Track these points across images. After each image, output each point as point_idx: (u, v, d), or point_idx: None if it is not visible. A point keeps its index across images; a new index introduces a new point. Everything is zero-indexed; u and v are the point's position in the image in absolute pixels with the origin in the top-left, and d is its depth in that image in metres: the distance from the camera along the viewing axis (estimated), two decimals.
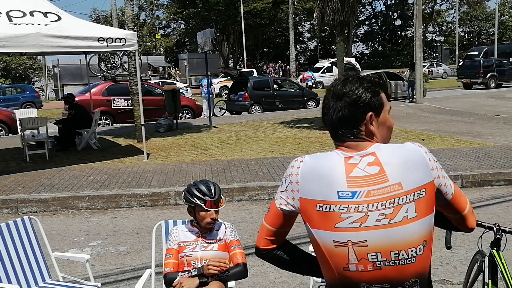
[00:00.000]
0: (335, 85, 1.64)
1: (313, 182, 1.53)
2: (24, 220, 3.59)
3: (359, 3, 28.28)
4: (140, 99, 9.71)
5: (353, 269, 1.48)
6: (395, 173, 1.49)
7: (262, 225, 1.69)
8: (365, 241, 1.46)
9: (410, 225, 1.47)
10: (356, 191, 1.49)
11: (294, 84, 22.52)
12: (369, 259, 1.46)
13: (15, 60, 43.75)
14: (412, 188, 1.49)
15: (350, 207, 1.47)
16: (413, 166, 1.51)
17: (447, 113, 15.59)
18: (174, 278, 2.88)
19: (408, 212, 1.47)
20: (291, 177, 1.59)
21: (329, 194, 1.50)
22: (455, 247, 4.85)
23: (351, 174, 1.50)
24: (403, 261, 1.46)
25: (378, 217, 1.46)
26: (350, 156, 1.54)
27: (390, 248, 1.46)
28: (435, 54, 53.06)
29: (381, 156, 1.52)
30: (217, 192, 2.98)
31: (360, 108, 1.57)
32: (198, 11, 42.12)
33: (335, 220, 1.48)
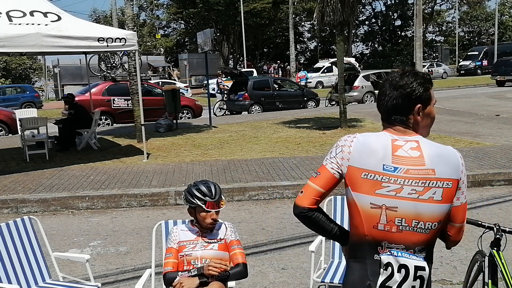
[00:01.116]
0: (394, 77, 1.91)
1: (364, 154, 1.84)
2: (24, 220, 3.59)
3: (359, 3, 28.20)
4: (140, 99, 9.71)
5: (381, 228, 1.81)
6: (431, 160, 1.81)
7: (308, 187, 1.91)
8: (396, 207, 1.79)
9: (434, 205, 1.79)
10: (398, 167, 1.80)
11: (294, 84, 22.52)
12: (395, 222, 1.79)
13: (15, 60, 43.75)
14: (443, 177, 1.80)
15: (390, 179, 1.80)
16: (447, 161, 1.83)
17: (447, 113, 15.59)
18: (174, 278, 2.88)
19: (435, 194, 1.79)
20: (344, 147, 1.89)
21: (376, 165, 1.81)
22: (455, 247, 4.84)
23: (396, 153, 1.83)
24: (420, 230, 1.80)
25: (411, 191, 1.79)
26: (397, 139, 1.86)
27: (413, 217, 1.79)
28: (435, 54, 53.04)
29: (423, 145, 1.84)
30: (217, 193, 2.97)
31: (412, 100, 1.86)
32: (198, 11, 42.10)
33: (376, 187, 1.80)
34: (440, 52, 47.56)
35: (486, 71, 41.08)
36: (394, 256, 1.78)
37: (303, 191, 1.92)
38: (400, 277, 1.77)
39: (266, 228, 5.82)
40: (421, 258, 1.81)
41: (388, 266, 1.78)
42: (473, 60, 42.56)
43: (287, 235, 5.49)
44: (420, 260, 1.79)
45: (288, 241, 5.32)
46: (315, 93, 21.75)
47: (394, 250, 1.80)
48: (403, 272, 1.77)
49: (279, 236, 5.51)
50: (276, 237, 5.49)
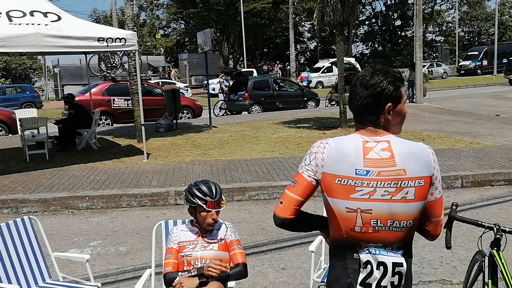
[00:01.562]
0: (364, 76, 1.91)
1: (336, 160, 1.84)
2: (24, 220, 3.59)
3: (359, 3, 28.18)
4: (140, 99, 9.71)
5: (357, 230, 1.84)
6: (402, 160, 1.82)
7: (287, 196, 1.93)
8: (371, 210, 1.81)
9: (407, 204, 1.82)
10: (370, 170, 1.81)
11: (294, 84, 22.52)
12: (371, 224, 1.82)
13: (15, 60, 43.76)
14: (414, 176, 1.82)
15: (363, 182, 1.81)
16: (418, 159, 1.84)
17: (447, 113, 15.59)
18: (174, 278, 2.88)
19: (407, 194, 1.81)
20: (317, 154, 1.89)
21: (349, 170, 1.82)
22: (455, 247, 4.85)
23: (367, 156, 1.83)
24: (395, 229, 1.84)
25: (384, 192, 1.81)
26: (367, 140, 1.87)
27: (388, 218, 1.82)
28: (435, 54, 53.05)
29: (393, 144, 1.86)
30: (218, 193, 2.97)
31: (382, 99, 1.87)
32: (198, 11, 42.10)
33: (350, 191, 1.82)
34: (440, 52, 47.57)
35: (486, 71, 41.14)
36: (372, 254, 1.83)
37: (282, 202, 1.93)
38: (379, 274, 1.83)
39: (266, 228, 5.82)
40: (399, 254, 1.86)
41: (368, 264, 1.83)
42: (473, 60, 42.57)
43: (287, 235, 5.48)
44: (397, 256, 1.85)
45: (288, 241, 5.32)
46: (315, 93, 21.75)
47: (372, 249, 1.84)
48: (382, 269, 1.83)
49: (279, 236, 5.50)
50: (276, 237, 5.49)
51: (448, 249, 2.82)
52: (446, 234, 2.81)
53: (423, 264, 4.59)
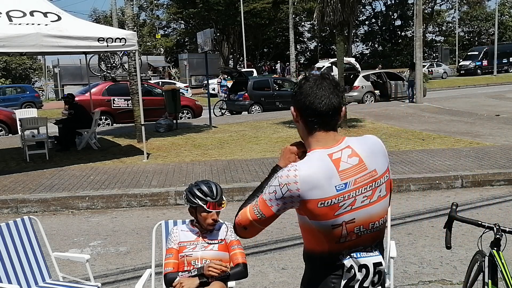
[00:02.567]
0: (328, 78, 1.88)
1: (314, 186, 1.74)
2: (24, 220, 3.59)
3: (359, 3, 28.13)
4: (140, 99, 9.71)
5: (342, 241, 1.81)
6: (370, 161, 1.83)
7: (256, 228, 1.91)
8: (354, 219, 1.80)
9: (382, 201, 1.86)
10: (347, 181, 1.78)
11: (294, 84, 22.51)
12: (354, 231, 1.82)
13: (15, 60, 43.76)
14: (382, 172, 1.86)
15: (344, 196, 1.77)
16: (379, 154, 1.87)
17: (447, 113, 15.59)
18: (174, 278, 2.88)
19: (381, 192, 1.85)
20: (289, 185, 1.76)
21: (329, 191, 1.75)
22: (455, 247, 4.85)
23: (340, 169, 1.78)
24: (375, 229, 1.87)
25: (362, 199, 1.80)
26: (332, 152, 1.80)
27: (369, 221, 1.84)
28: (435, 54, 53.02)
29: (355, 148, 1.83)
30: (218, 193, 2.97)
31: (343, 100, 1.87)
32: (198, 11, 42.09)
33: (335, 209, 1.77)
34: (440, 52, 47.55)
35: (486, 71, 41.12)
36: (354, 258, 1.84)
37: (247, 228, 1.90)
38: (361, 276, 1.85)
39: (266, 228, 5.81)
40: (377, 252, 1.90)
41: (351, 269, 1.84)
42: (473, 60, 42.54)
43: (287, 235, 5.48)
44: (376, 255, 1.88)
45: (288, 241, 5.32)
46: None
47: (354, 253, 1.84)
48: (364, 271, 1.85)
49: (279, 236, 5.51)
50: (276, 237, 5.49)
51: (448, 249, 2.82)
52: (446, 234, 2.81)
53: (423, 264, 4.59)
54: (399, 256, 4.72)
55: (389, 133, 11.97)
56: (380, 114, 15.85)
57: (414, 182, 7.41)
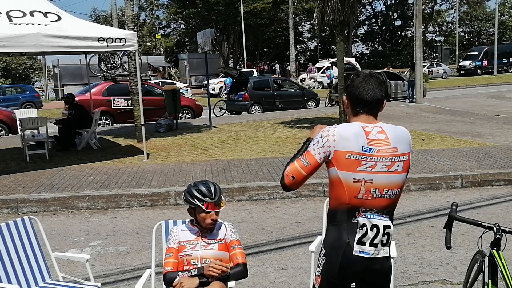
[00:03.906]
0: (374, 75, 2.37)
1: (346, 140, 2.24)
2: (24, 220, 3.59)
3: (359, 3, 28.13)
4: (140, 99, 9.71)
5: (360, 197, 2.25)
6: (394, 141, 2.29)
7: (301, 175, 2.32)
8: (372, 180, 2.24)
9: (398, 175, 2.29)
10: (372, 147, 2.25)
11: (294, 84, 22.51)
12: (371, 192, 2.25)
13: (15, 60, 43.76)
14: (402, 152, 2.29)
15: (367, 157, 2.23)
16: (403, 139, 2.33)
17: (447, 113, 15.59)
18: (174, 278, 2.88)
19: (398, 167, 2.28)
20: (329, 137, 2.27)
21: (357, 147, 2.23)
22: (455, 247, 4.85)
23: (369, 137, 2.26)
24: (388, 196, 2.28)
25: (382, 166, 2.25)
26: (365, 126, 2.30)
27: (384, 187, 2.26)
28: (435, 54, 53.01)
29: (385, 129, 2.32)
30: (217, 193, 2.97)
31: (386, 94, 2.38)
32: (198, 11, 42.07)
33: (357, 165, 2.23)
34: (440, 52, 47.54)
35: (486, 71, 41.12)
36: (368, 218, 2.24)
37: (294, 177, 2.32)
38: (372, 234, 2.24)
39: (266, 228, 5.82)
40: (387, 218, 2.28)
41: (364, 226, 2.24)
42: (473, 60, 42.55)
43: (287, 235, 5.49)
44: (387, 220, 2.27)
45: (288, 241, 5.33)
46: (315, 93, 21.74)
47: (368, 214, 2.25)
48: (375, 230, 2.24)
49: (279, 236, 5.51)
50: (276, 237, 5.49)
51: (448, 249, 2.82)
52: (446, 234, 2.81)
53: (423, 264, 4.59)
54: (399, 256, 4.72)
55: None
56: (380, 114, 15.78)
57: (414, 182, 7.41)
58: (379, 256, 2.27)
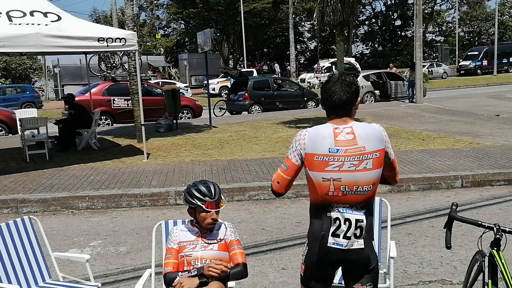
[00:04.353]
0: (341, 78, 2.49)
1: (315, 142, 2.42)
2: (24, 220, 3.59)
3: (359, 3, 28.21)
4: (140, 99, 9.72)
5: (330, 194, 2.41)
6: (362, 140, 2.40)
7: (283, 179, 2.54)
8: (340, 178, 2.39)
9: (367, 172, 2.40)
10: (339, 148, 2.39)
11: (294, 84, 22.51)
12: (341, 189, 2.40)
13: (15, 60, 43.75)
14: (371, 150, 2.39)
15: (334, 158, 2.39)
16: (372, 137, 2.41)
17: (447, 113, 15.59)
18: (174, 278, 2.88)
19: (367, 165, 2.39)
20: (300, 141, 2.46)
21: (324, 149, 2.40)
22: (455, 247, 4.85)
23: (337, 138, 2.40)
24: (359, 192, 2.40)
25: (350, 165, 2.38)
26: (336, 127, 2.44)
27: (353, 184, 2.39)
28: (435, 54, 52.99)
29: (355, 129, 2.42)
30: (217, 193, 2.97)
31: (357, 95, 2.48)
32: (198, 11, 42.06)
33: (326, 165, 2.40)
34: (440, 52, 47.53)
35: (486, 71, 41.11)
36: (341, 212, 2.41)
37: (279, 182, 2.55)
38: (345, 227, 2.40)
39: (266, 228, 5.82)
40: (362, 213, 2.42)
41: (337, 220, 2.40)
42: (473, 60, 42.53)
43: (287, 235, 5.49)
44: (360, 214, 2.41)
45: (288, 241, 5.33)
46: (315, 93, 21.71)
47: (340, 209, 2.41)
48: (347, 223, 2.40)
49: (279, 236, 5.51)
50: (276, 237, 5.49)
51: (448, 249, 2.82)
52: (446, 234, 2.81)
53: (423, 264, 4.59)
54: (399, 256, 4.72)
55: (389, 133, 11.95)
56: (380, 114, 15.85)
57: (414, 182, 7.41)
58: (353, 248, 2.42)
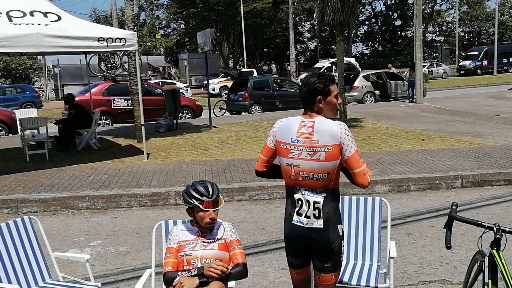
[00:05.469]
0: (306, 77, 2.81)
1: (282, 132, 2.81)
2: (24, 220, 3.59)
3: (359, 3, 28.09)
4: (140, 99, 9.71)
5: (292, 178, 2.78)
6: (317, 134, 2.70)
7: (260, 158, 2.95)
8: (299, 165, 2.74)
9: (320, 163, 2.69)
10: (299, 139, 2.73)
11: (294, 84, 22.51)
12: (300, 174, 2.75)
13: (15, 60, 43.74)
14: (323, 144, 2.68)
15: (294, 147, 2.74)
16: (326, 133, 2.68)
17: (447, 113, 15.59)
18: (173, 278, 2.88)
19: (320, 156, 2.68)
20: (274, 129, 2.88)
21: (288, 139, 2.77)
22: (455, 247, 4.85)
23: (300, 130, 2.75)
24: (315, 178, 2.72)
25: (306, 154, 2.71)
26: (303, 120, 2.77)
27: (310, 171, 2.72)
28: (435, 54, 52.98)
29: (316, 123, 2.72)
30: (215, 192, 2.97)
31: (313, 93, 2.75)
32: (198, 11, 42.04)
33: (288, 152, 2.77)
34: (440, 52, 47.52)
35: (486, 71, 41.11)
36: (302, 195, 2.76)
37: (258, 161, 2.96)
38: (306, 208, 2.74)
39: (266, 228, 5.82)
40: (321, 196, 2.73)
41: (299, 201, 2.76)
42: (473, 60, 42.53)
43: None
44: (318, 197, 2.73)
45: None
46: None
47: (302, 191, 2.76)
48: (307, 204, 2.74)
49: (279, 236, 5.50)
50: (276, 237, 5.49)
51: (448, 249, 2.82)
52: (446, 234, 2.81)
53: (423, 264, 4.60)
54: (399, 256, 4.72)
55: (389, 133, 11.97)
56: (380, 114, 15.85)
57: (414, 182, 7.41)
58: (313, 227, 2.73)
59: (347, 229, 3.78)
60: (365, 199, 3.83)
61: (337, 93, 2.82)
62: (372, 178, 7.42)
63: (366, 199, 3.83)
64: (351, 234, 3.79)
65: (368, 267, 3.63)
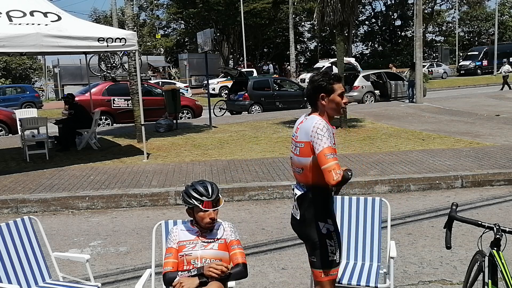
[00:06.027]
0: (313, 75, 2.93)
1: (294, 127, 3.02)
2: (24, 220, 3.59)
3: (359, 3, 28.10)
4: (140, 99, 9.71)
5: (292, 171, 3.02)
6: (299, 130, 2.90)
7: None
8: (291, 158, 3.00)
9: (297, 157, 2.90)
10: (294, 134, 2.96)
11: (294, 84, 22.51)
12: (292, 167, 3.01)
13: (15, 60, 43.75)
14: (299, 140, 2.87)
15: (292, 141, 3.00)
16: (303, 130, 2.84)
17: (447, 113, 15.59)
18: (173, 277, 2.88)
19: (296, 150, 2.91)
20: None
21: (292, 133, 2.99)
22: (455, 247, 4.85)
23: (298, 126, 2.94)
24: (297, 172, 2.94)
25: (293, 148, 2.96)
26: (306, 118, 2.92)
27: (294, 165, 2.96)
28: (435, 54, 52.99)
29: (304, 121, 2.89)
30: (214, 192, 2.97)
31: (317, 91, 2.85)
32: (198, 11, 42.04)
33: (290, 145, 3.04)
34: (440, 52, 47.53)
35: (486, 71, 41.11)
36: (295, 187, 2.97)
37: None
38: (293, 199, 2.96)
39: (266, 228, 5.82)
40: (301, 190, 2.90)
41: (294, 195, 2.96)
42: (473, 60, 42.54)
43: (287, 235, 5.48)
44: (299, 190, 2.91)
45: (288, 241, 5.32)
46: None
47: (296, 185, 2.98)
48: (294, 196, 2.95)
49: (279, 236, 5.51)
50: (276, 237, 5.49)
51: (448, 249, 2.82)
52: (446, 234, 2.81)
53: (423, 264, 4.60)
54: (399, 256, 4.72)
55: (389, 133, 11.97)
56: (380, 114, 15.85)
57: (414, 182, 7.41)
58: (297, 217, 2.94)
59: (347, 229, 3.78)
60: (365, 199, 3.83)
61: (342, 92, 2.85)
62: (372, 178, 7.50)
63: (366, 199, 3.83)
64: (351, 234, 3.79)
65: (368, 267, 3.63)
